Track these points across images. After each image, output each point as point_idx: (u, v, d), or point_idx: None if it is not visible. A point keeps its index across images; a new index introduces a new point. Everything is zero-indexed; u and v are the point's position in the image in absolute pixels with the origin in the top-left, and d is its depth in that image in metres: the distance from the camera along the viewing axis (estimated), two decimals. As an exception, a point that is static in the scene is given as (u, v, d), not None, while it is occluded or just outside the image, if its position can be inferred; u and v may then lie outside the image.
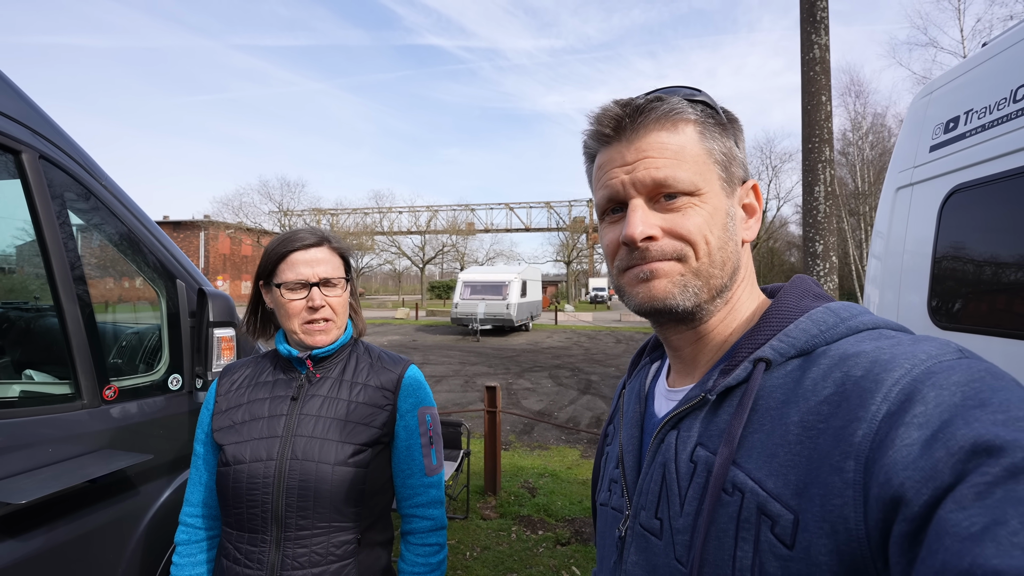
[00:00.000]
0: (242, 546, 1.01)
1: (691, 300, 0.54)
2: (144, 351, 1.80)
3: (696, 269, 0.54)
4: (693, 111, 0.56)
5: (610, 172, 0.56)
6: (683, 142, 0.54)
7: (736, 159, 0.58)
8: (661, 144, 0.54)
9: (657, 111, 0.54)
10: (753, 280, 0.60)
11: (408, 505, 1.15)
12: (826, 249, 5.15)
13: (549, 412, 7.20)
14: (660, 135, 0.54)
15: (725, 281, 0.55)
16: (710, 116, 0.57)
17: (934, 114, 2.12)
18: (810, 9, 5.18)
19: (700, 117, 0.56)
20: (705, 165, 0.55)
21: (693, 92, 0.58)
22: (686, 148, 0.54)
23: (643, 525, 0.56)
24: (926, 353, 0.42)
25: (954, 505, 0.33)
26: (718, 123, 0.57)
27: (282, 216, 39.68)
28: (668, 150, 0.54)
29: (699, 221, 0.53)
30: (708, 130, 0.56)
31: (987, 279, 1.78)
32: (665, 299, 0.54)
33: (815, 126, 5.16)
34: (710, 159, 0.55)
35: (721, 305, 0.57)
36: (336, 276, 1.11)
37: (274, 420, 1.06)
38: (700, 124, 0.56)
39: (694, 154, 0.54)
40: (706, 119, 0.56)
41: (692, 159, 0.54)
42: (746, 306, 0.58)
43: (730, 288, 0.57)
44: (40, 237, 1.39)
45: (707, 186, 0.54)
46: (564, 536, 3.47)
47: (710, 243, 0.54)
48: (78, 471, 1.33)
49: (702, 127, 0.56)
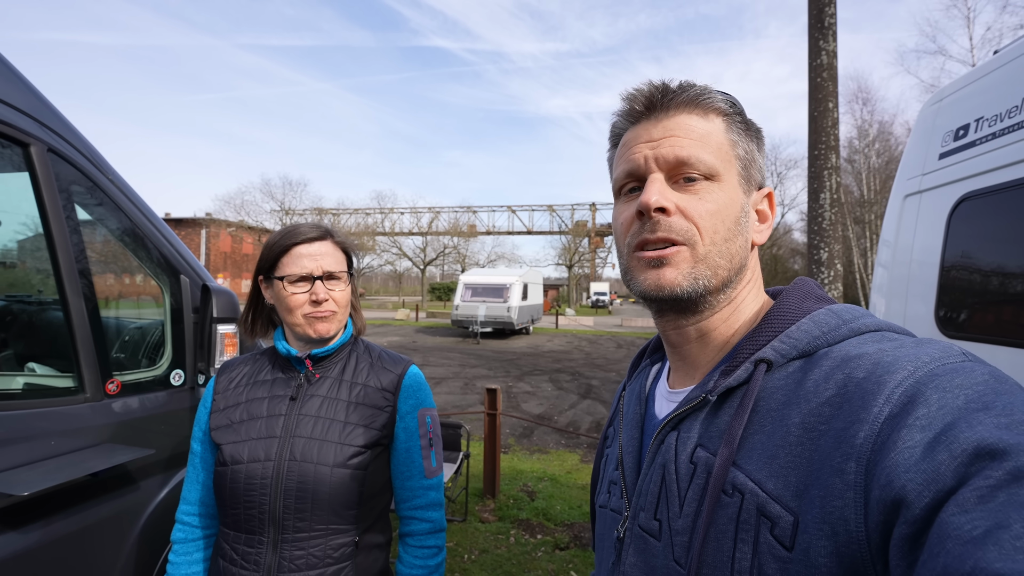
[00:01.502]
0: (239, 547, 1.00)
1: (699, 287, 0.53)
2: (147, 346, 1.80)
3: (703, 255, 0.53)
4: (724, 102, 0.57)
5: (634, 148, 0.57)
6: (710, 129, 0.56)
7: (756, 163, 0.59)
8: (689, 126, 0.55)
9: (689, 93, 0.56)
10: (759, 284, 0.60)
11: (407, 507, 1.14)
12: (831, 257, 5.14)
13: (549, 416, 7.19)
14: (689, 118, 0.56)
15: (731, 275, 0.55)
16: (738, 113, 0.59)
17: (943, 122, 2.11)
18: (818, 15, 5.18)
19: (729, 111, 0.58)
20: (727, 156, 0.56)
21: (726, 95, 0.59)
22: (712, 135, 0.55)
23: (642, 526, 0.56)
24: (929, 356, 0.42)
25: (956, 508, 0.33)
26: (744, 123, 0.59)
27: (284, 215, 39.82)
28: (695, 132, 0.55)
29: (712, 207, 0.54)
30: (735, 125, 0.57)
31: (996, 289, 1.77)
32: (673, 287, 0.53)
33: (821, 133, 5.15)
34: (733, 152, 0.56)
35: (724, 302, 0.57)
36: (339, 270, 1.10)
37: (272, 420, 1.05)
38: (728, 117, 0.57)
39: (719, 142, 0.55)
40: (734, 115, 0.58)
41: (716, 146, 0.55)
42: (750, 308, 0.58)
43: (735, 285, 0.57)
44: (47, 230, 1.39)
45: (726, 176, 0.55)
46: (563, 541, 3.45)
47: (718, 231, 0.53)
48: (80, 464, 1.33)
49: (730, 120, 0.57)
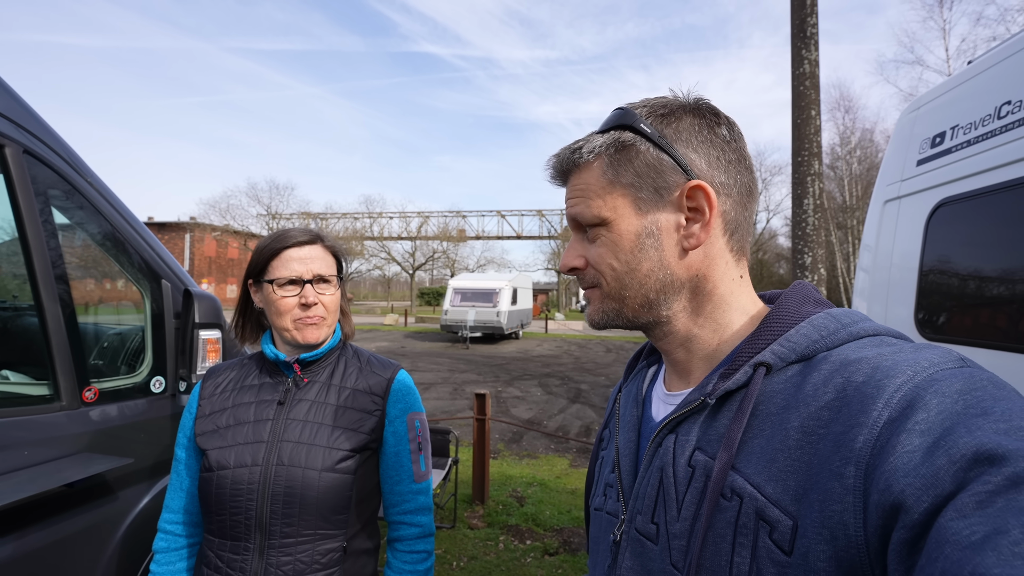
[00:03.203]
0: (224, 554, 0.99)
1: (609, 319, 0.60)
2: (127, 352, 1.76)
3: (608, 293, 0.59)
4: (600, 147, 0.57)
5: None
6: (588, 180, 0.59)
7: (662, 169, 0.55)
8: (574, 187, 0.60)
9: (568, 157, 0.60)
10: (734, 286, 0.58)
11: (396, 512, 1.13)
12: (814, 261, 5.22)
13: (538, 420, 7.18)
14: (575, 178, 0.60)
15: (648, 297, 0.57)
16: (619, 142, 0.56)
17: (921, 129, 2.16)
18: (800, 25, 5.28)
19: (605, 150, 0.57)
20: (609, 196, 0.57)
21: (618, 115, 0.58)
22: (590, 185, 0.58)
23: (639, 530, 0.55)
24: (928, 361, 0.42)
25: (955, 513, 0.33)
26: (632, 144, 0.56)
27: (270, 219, 39.37)
28: (577, 190, 0.60)
29: (602, 251, 0.58)
30: (614, 158, 0.57)
31: (972, 292, 1.81)
32: (592, 322, 0.62)
33: (804, 140, 5.24)
34: (615, 188, 0.57)
35: (677, 315, 0.57)
36: (329, 274, 1.09)
37: (260, 425, 1.03)
38: (606, 157, 0.57)
39: (596, 189, 0.58)
40: (613, 148, 0.57)
41: (595, 194, 0.58)
42: (729, 314, 0.57)
43: (666, 302, 0.57)
44: (22, 234, 1.36)
45: (612, 214, 0.57)
46: (552, 546, 3.44)
47: (616, 268, 0.57)
48: (55, 474, 1.29)
49: (608, 159, 0.57)
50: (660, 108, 0.57)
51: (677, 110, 0.57)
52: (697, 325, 0.57)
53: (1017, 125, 1.64)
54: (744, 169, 0.58)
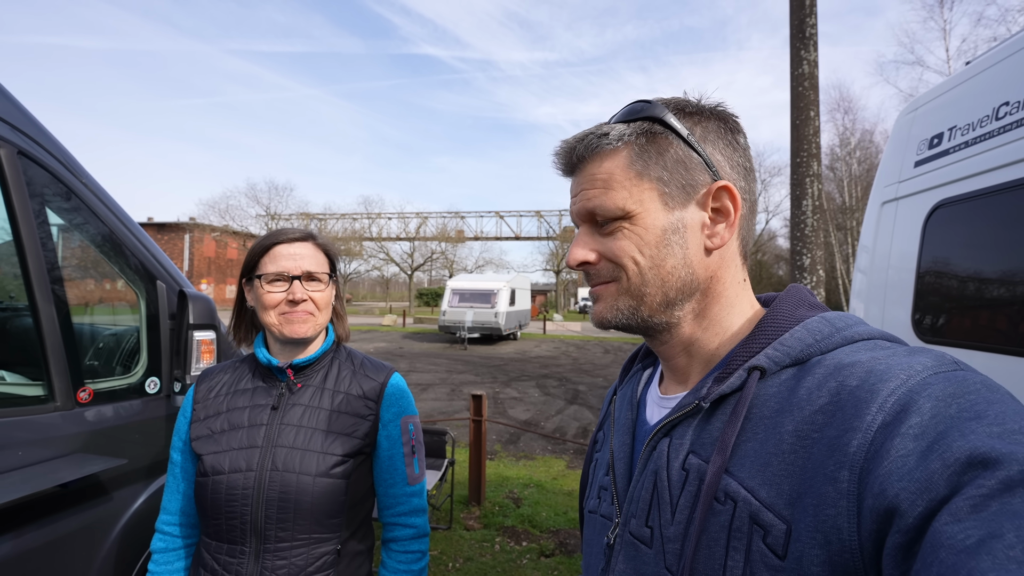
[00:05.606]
0: (220, 556, 0.99)
1: (622, 317, 0.56)
2: (121, 353, 1.75)
3: (627, 288, 0.56)
4: (630, 135, 0.55)
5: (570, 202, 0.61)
6: (611, 169, 0.56)
7: (691, 166, 0.54)
8: (592, 176, 0.57)
9: (589, 143, 0.57)
10: (738, 288, 0.58)
11: (390, 514, 1.14)
12: (813, 262, 5.22)
13: (536, 422, 7.17)
14: (593, 166, 0.57)
15: (667, 296, 0.55)
16: (650, 133, 0.55)
17: (919, 130, 2.16)
18: (799, 26, 5.29)
19: (635, 139, 0.55)
20: (636, 187, 0.55)
21: (643, 107, 0.56)
22: (614, 175, 0.55)
23: (633, 533, 0.55)
24: (922, 364, 0.42)
25: (949, 517, 0.33)
26: (663, 137, 0.55)
27: (269, 220, 39.34)
28: (598, 180, 0.56)
29: (625, 244, 0.55)
30: (644, 148, 0.55)
31: (969, 294, 1.81)
32: (602, 320, 0.58)
33: (803, 141, 5.25)
34: (642, 180, 0.55)
35: (685, 318, 0.57)
36: (320, 272, 1.09)
37: (254, 430, 1.03)
38: (635, 146, 0.55)
39: (622, 179, 0.55)
40: (644, 137, 0.55)
41: (620, 184, 0.55)
42: (732, 317, 0.57)
43: (681, 303, 0.56)
44: (16, 235, 1.35)
45: (638, 207, 0.54)
46: (548, 548, 3.43)
47: (639, 263, 0.55)
48: (49, 475, 1.29)
49: (638, 148, 0.55)
50: (687, 107, 0.57)
51: (705, 111, 0.57)
52: (701, 328, 0.57)
53: (1015, 126, 1.64)
54: (753, 178, 0.59)
